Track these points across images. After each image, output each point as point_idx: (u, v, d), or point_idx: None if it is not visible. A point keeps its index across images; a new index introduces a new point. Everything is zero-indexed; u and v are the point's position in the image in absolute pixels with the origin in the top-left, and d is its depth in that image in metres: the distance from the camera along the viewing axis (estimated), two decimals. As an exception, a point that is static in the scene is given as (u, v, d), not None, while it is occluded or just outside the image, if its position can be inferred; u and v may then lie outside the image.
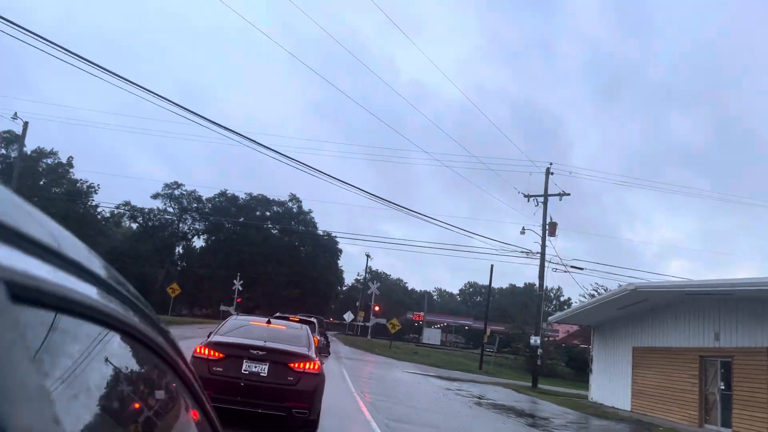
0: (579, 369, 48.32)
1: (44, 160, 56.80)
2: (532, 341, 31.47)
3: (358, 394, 15.41)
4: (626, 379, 24.25)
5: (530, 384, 30.83)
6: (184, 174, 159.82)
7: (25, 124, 27.15)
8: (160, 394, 1.14)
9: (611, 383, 25.55)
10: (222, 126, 17.29)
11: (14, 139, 60.27)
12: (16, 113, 26.00)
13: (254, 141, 18.97)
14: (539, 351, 31.09)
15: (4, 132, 55.14)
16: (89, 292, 0.71)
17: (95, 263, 0.80)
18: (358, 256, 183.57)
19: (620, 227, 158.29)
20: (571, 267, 32.22)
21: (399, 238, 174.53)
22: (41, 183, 49.54)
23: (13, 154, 57.98)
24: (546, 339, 44.91)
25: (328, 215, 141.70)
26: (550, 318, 32.48)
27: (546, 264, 31.81)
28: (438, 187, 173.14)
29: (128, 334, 0.88)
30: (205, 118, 16.79)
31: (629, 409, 23.34)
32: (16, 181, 30.77)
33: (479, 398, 20.72)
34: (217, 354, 9.42)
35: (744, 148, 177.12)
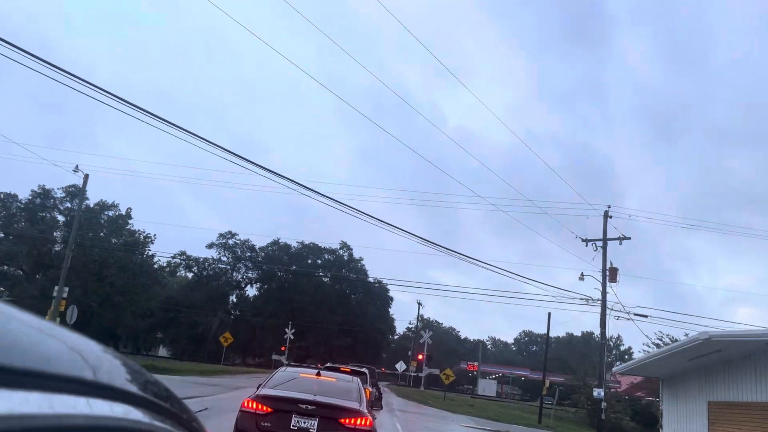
0: (646, 424, 45.48)
1: (106, 212, 58.86)
2: (595, 393, 29.70)
3: (413, 452, 14.58)
4: (702, 437, 22.40)
5: (595, 440, 29.01)
6: (237, 224, 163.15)
7: (86, 176, 28.14)
8: None
9: (685, 441, 23.66)
10: (272, 171, 17.29)
11: (78, 193, 62.99)
12: (77, 166, 27.08)
13: (303, 185, 18.89)
14: (603, 404, 29.28)
15: (69, 186, 57.59)
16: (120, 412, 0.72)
17: (130, 380, 0.81)
18: (409, 303, 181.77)
19: (681, 273, 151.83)
20: (635, 315, 30.59)
21: (450, 285, 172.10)
22: (101, 234, 51.13)
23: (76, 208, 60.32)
24: (609, 391, 42.62)
25: (378, 263, 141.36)
26: (614, 368, 30.65)
27: (607, 312, 30.30)
28: (488, 233, 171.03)
29: None
30: (256, 164, 16.82)
31: (707, 470, 21.46)
32: (75, 233, 31.67)
33: (541, 456, 19.43)
34: (265, 408, 9.00)
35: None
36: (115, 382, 0.73)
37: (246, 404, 9.11)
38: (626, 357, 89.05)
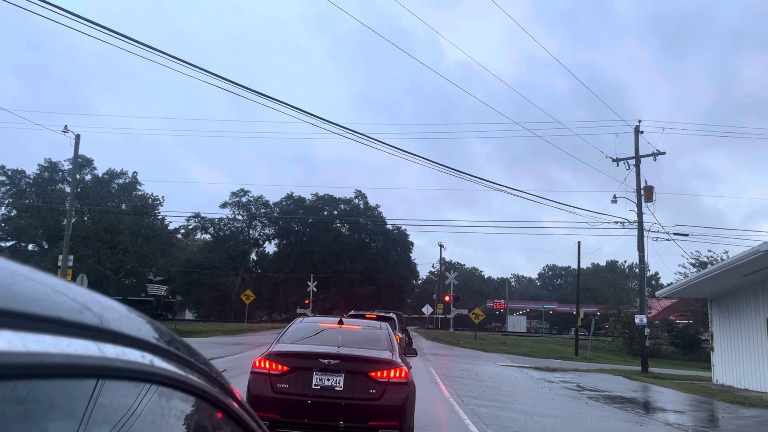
0: (685, 347, 44.17)
1: (115, 181, 57.56)
2: (637, 320, 28.08)
3: (455, 399, 13.08)
4: (761, 356, 20.76)
5: (639, 368, 27.52)
6: (246, 181, 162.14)
7: (77, 136, 26.37)
8: None
9: (740, 362, 22.08)
10: (278, 100, 15.30)
11: (86, 164, 61.58)
12: (66, 126, 25.26)
13: (313, 114, 16.99)
14: (647, 331, 27.69)
15: (78, 158, 56.14)
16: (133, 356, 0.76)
17: (139, 328, 0.84)
18: (429, 247, 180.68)
19: (711, 189, 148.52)
20: (674, 234, 28.62)
21: (471, 220, 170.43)
22: (111, 204, 49.94)
23: (87, 178, 59.03)
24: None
25: (395, 209, 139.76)
26: (657, 293, 28.99)
27: (644, 234, 28.36)
28: (499, 170, 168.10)
29: (175, 387, 0.89)
30: (259, 92, 14.86)
31: (769, 391, 19.93)
32: (74, 200, 30.21)
33: (592, 391, 17.95)
34: (280, 367, 7.40)
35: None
36: (104, 322, 0.73)
37: (258, 364, 7.53)
38: (653, 282, 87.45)
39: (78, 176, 57.01)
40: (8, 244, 54.23)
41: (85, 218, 49.51)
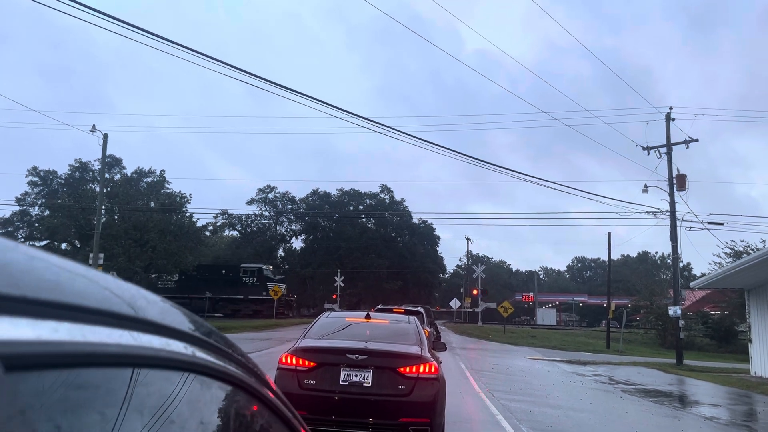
0: (720, 339, 43.18)
1: (144, 179, 58.29)
2: (671, 312, 27.42)
3: (485, 394, 12.85)
4: (802, 347, 20.12)
5: (674, 360, 26.89)
6: (271, 177, 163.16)
7: (105, 135, 26.69)
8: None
9: (780, 354, 21.43)
10: (301, 93, 15.19)
11: (115, 163, 62.49)
12: (94, 126, 25.54)
13: (335, 107, 16.82)
14: (681, 323, 27.00)
15: (107, 158, 56.96)
16: (167, 346, 0.79)
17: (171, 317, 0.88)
18: (454, 241, 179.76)
19: (744, 176, 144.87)
20: (709, 223, 27.84)
21: (497, 213, 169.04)
22: (140, 203, 50.56)
23: (116, 177, 59.92)
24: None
25: (418, 202, 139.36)
26: (692, 283, 28.28)
27: (677, 223, 27.64)
28: (525, 158, 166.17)
29: (215, 377, 0.93)
30: (282, 86, 14.75)
31: (812, 384, 19.26)
32: (103, 197, 30.60)
33: (626, 384, 17.54)
34: (307, 363, 7.29)
35: None
36: (150, 315, 0.78)
37: (284, 360, 7.44)
38: (685, 273, 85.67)
39: (107, 175, 57.90)
40: (42, 243, 55.39)
41: (115, 217, 50.17)
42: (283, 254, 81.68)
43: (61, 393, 0.60)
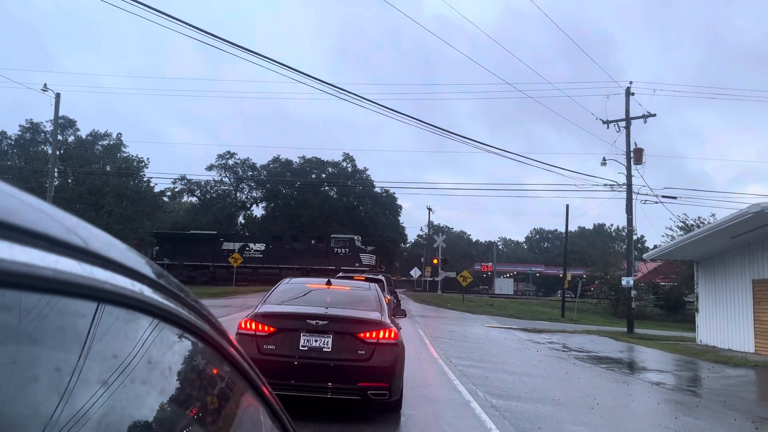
0: (670, 309, 44.81)
1: (100, 143, 56.52)
2: (624, 282, 28.29)
3: (443, 360, 13.08)
4: (745, 317, 21.03)
5: (624, 329, 27.85)
6: (231, 143, 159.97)
7: (57, 95, 25.63)
8: (199, 377, 1.06)
9: (724, 323, 22.37)
10: (260, 54, 14.81)
11: (69, 125, 60.35)
12: (45, 85, 24.46)
13: (295, 69, 16.49)
14: (633, 293, 27.91)
15: (59, 118, 54.92)
16: (116, 281, 0.74)
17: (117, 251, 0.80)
18: (415, 210, 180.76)
19: (699, 150, 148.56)
20: (663, 197, 28.63)
21: (457, 183, 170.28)
22: (96, 166, 49.09)
23: (70, 139, 57.99)
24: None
25: (378, 171, 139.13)
26: (645, 255, 29.18)
27: (633, 196, 28.34)
28: (485, 127, 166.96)
29: (165, 319, 0.88)
30: (238, 45, 14.33)
31: (753, 351, 20.21)
32: (55, 159, 29.57)
33: (579, 351, 18.09)
34: (266, 328, 7.28)
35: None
36: (93, 246, 0.71)
37: (243, 325, 7.41)
38: (639, 246, 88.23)
39: (60, 137, 55.96)
40: (-9, 206, 53.26)
41: (69, 180, 48.71)
42: (243, 221, 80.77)
43: None
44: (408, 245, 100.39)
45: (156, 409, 0.85)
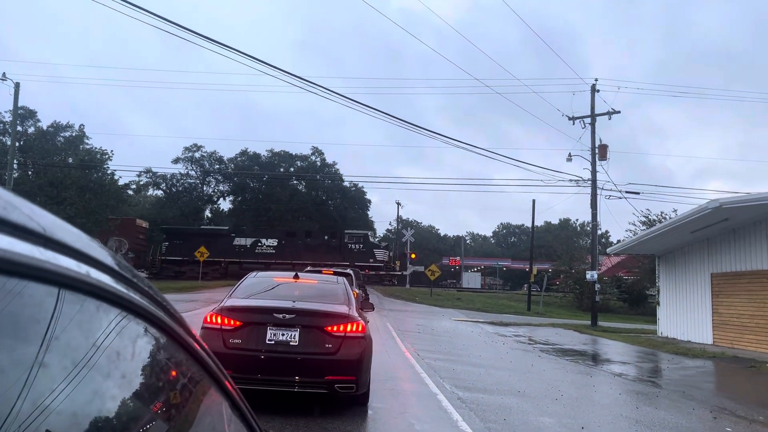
0: (632, 302, 45.80)
1: (61, 134, 55.08)
2: (588, 276, 28.85)
3: (411, 354, 13.14)
4: (704, 310, 21.64)
5: (589, 322, 28.41)
6: (198, 136, 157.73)
7: (17, 84, 24.89)
8: (158, 369, 1.03)
9: (684, 316, 22.98)
10: (225, 45, 14.61)
11: (29, 115, 58.66)
12: (4, 74, 23.67)
13: (260, 60, 16.32)
14: (597, 287, 28.47)
15: (18, 109, 53.30)
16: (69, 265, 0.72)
17: (77, 239, 0.79)
18: (383, 204, 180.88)
19: (661, 147, 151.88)
20: (626, 192, 29.23)
21: (426, 177, 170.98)
22: (57, 158, 47.80)
23: (30, 130, 56.40)
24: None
25: (345, 165, 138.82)
26: (608, 249, 29.74)
27: (598, 192, 28.86)
28: (452, 121, 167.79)
29: (123, 307, 0.85)
30: (202, 35, 14.13)
31: (711, 343, 20.83)
32: (15, 151, 28.73)
33: (544, 344, 18.38)
34: (232, 322, 7.21)
35: None
36: (33, 225, 0.68)
37: (209, 319, 7.33)
38: (603, 240, 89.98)
39: (20, 128, 54.38)
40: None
41: (29, 172, 47.40)
42: (210, 215, 79.77)
43: None
44: (377, 240, 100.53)
45: (97, 394, 0.79)
